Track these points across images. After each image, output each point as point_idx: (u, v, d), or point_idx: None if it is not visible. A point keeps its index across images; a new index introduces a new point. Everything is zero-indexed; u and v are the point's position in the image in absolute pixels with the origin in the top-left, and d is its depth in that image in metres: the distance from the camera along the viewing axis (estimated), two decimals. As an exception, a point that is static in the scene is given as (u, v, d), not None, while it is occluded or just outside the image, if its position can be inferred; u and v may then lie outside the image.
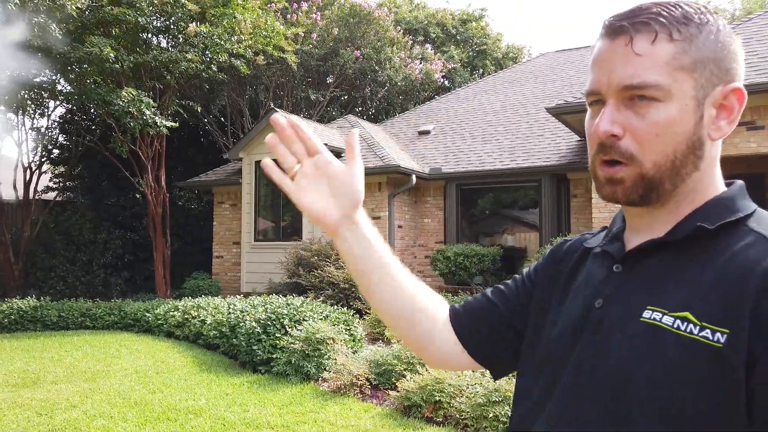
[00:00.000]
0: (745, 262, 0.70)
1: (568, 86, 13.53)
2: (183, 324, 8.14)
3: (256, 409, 4.98)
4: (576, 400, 0.80)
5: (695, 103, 0.77)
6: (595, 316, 0.81)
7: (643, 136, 0.77)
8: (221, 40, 11.29)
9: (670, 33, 0.76)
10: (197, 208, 17.30)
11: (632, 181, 0.79)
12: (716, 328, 0.68)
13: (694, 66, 0.77)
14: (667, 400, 0.69)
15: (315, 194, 0.93)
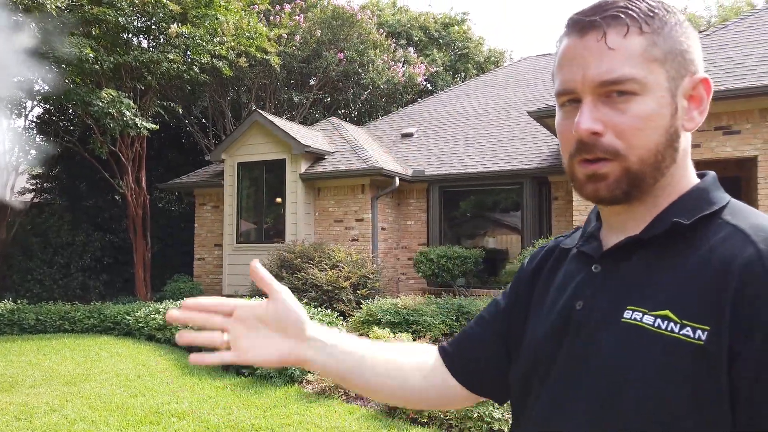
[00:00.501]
0: (723, 256, 0.69)
1: (550, 90, 13.68)
2: (164, 327, 8.06)
3: (240, 411, 4.95)
4: (562, 403, 0.79)
5: (670, 95, 0.77)
6: (577, 318, 0.80)
7: (626, 132, 0.76)
8: (203, 41, 11.22)
9: (640, 26, 0.76)
10: (178, 210, 17.14)
11: (616, 177, 0.77)
12: (697, 325, 0.67)
13: (665, 57, 0.76)
14: (653, 400, 0.68)
15: (259, 346, 0.88)
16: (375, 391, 0.98)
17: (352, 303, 8.69)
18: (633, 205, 0.81)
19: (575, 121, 0.77)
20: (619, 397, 0.71)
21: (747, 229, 0.71)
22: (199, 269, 12.96)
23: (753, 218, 0.74)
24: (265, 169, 11.43)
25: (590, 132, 0.76)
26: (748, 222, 0.72)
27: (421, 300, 7.83)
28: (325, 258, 9.27)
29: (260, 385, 5.74)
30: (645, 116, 0.75)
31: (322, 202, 11.31)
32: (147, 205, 12.64)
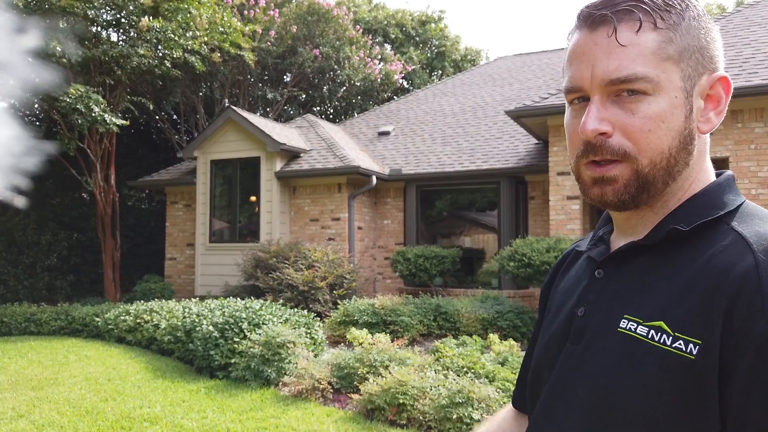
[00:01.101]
0: (721, 265, 0.66)
1: (526, 90, 13.77)
2: (135, 329, 7.85)
3: (215, 415, 4.83)
4: (556, 409, 0.78)
5: (684, 95, 0.72)
6: (578, 325, 0.79)
7: (636, 133, 0.72)
8: (175, 36, 10.97)
9: (654, 21, 0.71)
10: (148, 209, 16.81)
11: (625, 181, 0.73)
12: (689, 338, 0.65)
13: (681, 55, 0.72)
14: (642, 413, 0.67)
15: None
16: None
17: (328, 303, 8.59)
18: (642, 210, 0.78)
19: (581, 121, 0.74)
20: (608, 409, 0.70)
21: (749, 237, 0.67)
22: (171, 269, 12.70)
23: (760, 225, 0.69)
24: (239, 166, 11.24)
25: (596, 133, 0.73)
26: (754, 229, 0.68)
27: (398, 300, 7.78)
28: (301, 258, 9.15)
29: (235, 388, 5.61)
30: (656, 117, 0.71)
31: (297, 200, 11.18)
32: (116, 203, 12.34)
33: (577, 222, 8.53)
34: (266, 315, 6.52)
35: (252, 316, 6.44)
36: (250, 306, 6.75)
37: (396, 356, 5.41)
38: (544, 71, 14.93)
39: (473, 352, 5.49)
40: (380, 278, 11.48)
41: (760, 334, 0.60)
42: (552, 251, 7.04)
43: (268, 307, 6.85)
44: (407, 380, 4.73)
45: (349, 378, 5.35)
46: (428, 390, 4.65)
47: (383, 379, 4.86)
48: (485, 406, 4.36)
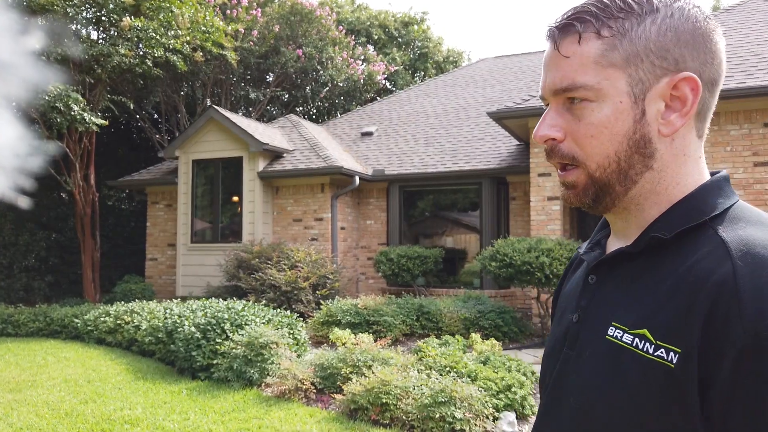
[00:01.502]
0: (700, 273, 0.66)
1: (507, 91, 13.88)
2: (115, 330, 7.77)
3: (197, 416, 4.80)
4: (553, 415, 0.80)
5: (631, 100, 0.73)
6: (572, 331, 0.80)
7: (581, 139, 0.75)
8: (157, 35, 10.87)
9: (598, 30, 0.73)
10: (128, 209, 16.62)
11: (583, 185, 0.77)
12: (670, 346, 0.65)
13: (627, 60, 0.72)
14: (627, 421, 0.67)
15: None
16: None
17: (311, 304, 8.58)
18: (619, 213, 0.79)
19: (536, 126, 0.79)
20: (595, 417, 0.71)
21: (730, 242, 0.66)
22: (152, 270, 12.58)
23: (746, 229, 0.69)
24: (222, 166, 11.18)
25: (544, 138, 0.77)
26: (737, 234, 0.68)
27: (381, 300, 7.80)
28: (284, 258, 9.13)
29: (217, 389, 5.58)
30: (598, 123, 0.73)
31: (280, 201, 11.14)
32: (96, 203, 12.19)
33: (557, 222, 8.63)
34: (249, 316, 6.50)
35: (234, 316, 6.42)
36: (232, 307, 6.72)
37: (379, 356, 5.43)
38: (525, 73, 15.07)
39: (456, 352, 5.53)
40: (363, 278, 11.50)
41: (738, 340, 0.60)
42: (533, 251, 7.12)
43: (250, 307, 6.83)
44: (390, 380, 4.76)
45: (332, 378, 5.36)
46: (411, 389, 4.68)
47: (366, 379, 4.88)
48: (468, 405, 4.39)
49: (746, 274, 0.62)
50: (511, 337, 7.43)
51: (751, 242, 0.65)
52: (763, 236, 0.66)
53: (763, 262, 0.63)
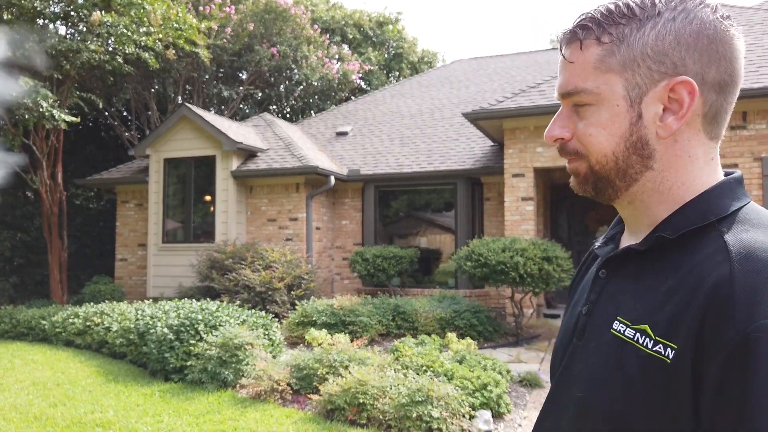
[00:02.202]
0: (700, 274, 0.68)
1: (482, 92, 14.00)
2: (85, 332, 7.60)
3: (171, 418, 4.73)
4: (559, 402, 0.83)
5: (627, 104, 0.76)
6: (581, 323, 0.83)
7: (583, 138, 0.80)
8: (128, 31, 10.66)
9: (599, 37, 0.76)
10: (97, 208, 16.28)
11: (584, 174, 0.82)
12: (668, 343, 0.67)
13: (624, 65, 0.75)
14: (625, 412, 0.70)
15: None
16: None
17: (286, 304, 8.52)
18: (626, 207, 0.83)
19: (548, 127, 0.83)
20: (596, 406, 0.74)
21: (732, 245, 0.68)
22: (121, 270, 12.34)
23: (750, 232, 0.70)
24: (194, 165, 11.03)
25: (552, 138, 0.82)
26: (739, 236, 0.69)
27: (357, 300, 7.79)
28: (258, 258, 9.05)
29: (191, 391, 5.50)
30: (597, 125, 0.78)
31: (254, 200, 11.04)
32: (63, 202, 11.89)
33: (531, 223, 8.74)
34: (223, 316, 6.42)
35: (208, 317, 6.33)
36: (206, 307, 6.64)
37: (356, 356, 5.43)
38: (499, 75, 15.22)
39: (432, 351, 5.56)
40: (338, 279, 11.47)
41: (729, 342, 0.61)
42: (507, 251, 7.19)
43: (225, 308, 6.75)
44: (367, 380, 4.75)
45: (308, 379, 5.33)
46: (388, 389, 4.68)
47: (343, 379, 4.86)
48: (444, 404, 4.42)
49: (742, 277, 0.63)
50: (485, 336, 7.50)
51: (752, 246, 0.67)
52: (765, 239, 0.67)
53: (760, 265, 0.64)
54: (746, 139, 7.56)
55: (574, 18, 0.81)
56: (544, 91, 8.91)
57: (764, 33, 8.87)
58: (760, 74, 7.61)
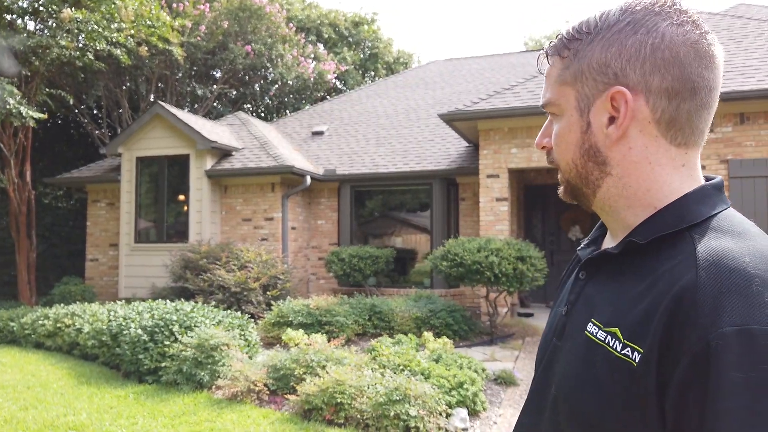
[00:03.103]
0: (668, 280, 0.69)
1: (457, 94, 14.11)
2: (55, 333, 7.46)
3: (146, 420, 4.68)
4: (539, 401, 0.85)
5: (578, 114, 0.80)
6: (560, 323, 0.86)
7: (554, 148, 0.86)
8: (99, 27, 10.48)
9: (560, 52, 0.82)
10: (67, 207, 15.94)
11: (564, 184, 0.88)
12: (635, 346, 0.68)
13: (575, 78, 0.80)
14: (594, 413, 0.71)
15: None
16: None
17: (262, 305, 8.48)
18: (601, 213, 0.86)
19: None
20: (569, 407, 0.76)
21: (701, 252, 0.69)
22: (92, 270, 12.11)
23: (719, 239, 0.70)
24: (167, 164, 10.88)
25: (538, 147, 0.89)
26: (710, 244, 0.70)
27: (333, 300, 7.79)
28: (233, 258, 8.98)
29: (166, 393, 5.45)
30: (558, 135, 0.84)
31: (229, 200, 10.95)
32: (32, 201, 11.63)
33: (505, 223, 8.85)
34: (198, 317, 6.37)
35: (183, 318, 6.27)
36: (181, 308, 6.57)
37: (333, 356, 5.44)
38: (474, 76, 15.36)
39: (409, 351, 5.60)
40: (314, 279, 11.45)
41: (692, 347, 0.62)
42: (482, 251, 7.28)
43: (199, 309, 6.69)
44: (345, 379, 4.77)
45: (285, 379, 5.33)
46: (366, 389, 4.71)
47: (320, 379, 4.87)
48: (422, 402, 4.46)
49: (707, 284, 0.64)
50: (461, 335, 7.57)
51: (720, 253, 0.67)
52: (735, 247, 0.68)
53: (725, 272, 0.65)
54: (713, 142, 7.79)
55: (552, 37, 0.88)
56: (518, 93, 9.03)
57: (730, 39, 9.14)
58: (726, 79, 7.83)
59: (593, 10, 0.84)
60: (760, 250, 0.68)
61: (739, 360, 0.60)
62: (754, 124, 7.67)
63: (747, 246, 0.68)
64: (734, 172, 7.63)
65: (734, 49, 8.77)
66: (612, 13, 0.78)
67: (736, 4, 12.61)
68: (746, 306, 0.62)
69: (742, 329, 0.61)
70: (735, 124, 7.74)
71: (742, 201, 7.50)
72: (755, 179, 7.55)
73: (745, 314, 0.61)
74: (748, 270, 0.64)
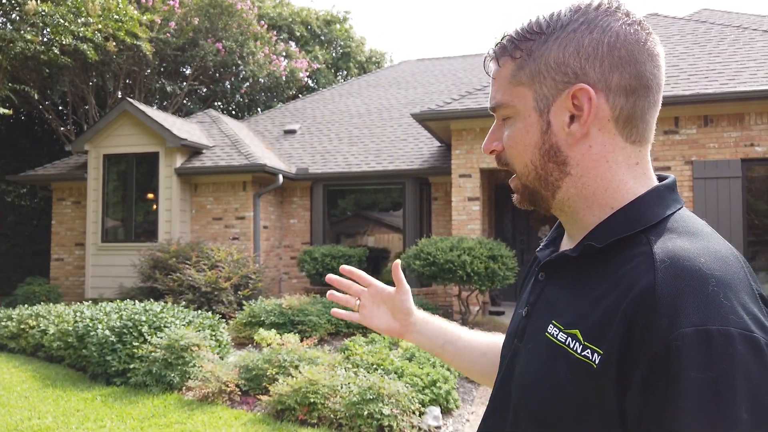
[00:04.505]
0: (626, 282, 0.69)
1: (429, 93, 14.18)
2: (19, 335, 7.26)
3: (114, 423, 4.59)
4: (501, 404, 0.85)
5: (537, 114, 0.79)
6: (521, 325, 0.86)
7: (508, 150, 0.84)
8: (65, 21, 10.22)
9: (512, 53, 0.81)
10: (30, 206, 15.53)
11: (519, 190, 0.86)
12: (594, 348, 0.68)
13: (532, 78, 0.78)
14: (550, 413, 0.72)
15: (379, 317, 1.18)
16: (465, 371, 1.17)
17: (233, 305, 8.39)
18: (560, 215, 0.86)
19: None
20: (528, 408, 0.76)
21: (658, 254, 0.69)
22: (57, 270, 11.81)
23: (674, 240, 0.71)
24: (136, 162, 10.68)
25: (486, 151, 0.88)
26: (665, 245, 0.71)
27: (306, 300, 7.75)
28: (204, 258, 8.86)
29: (135, 395, 5.35)
30: (513, 136, 0.82)
31: (199, 198, 10.80)
32: (-6, 199, 11.29)
33: (477, 222, 8.93)
34: (168, 317, 6.27)
35: (152, 318, 6.17)
36: (150, 308, 6.45)
37: (306, 356, 5.41)
38: (446, 76, 15.45)
39: (382, 349, 5.61)
40: (286, 278, 11.37)
41: (651, 351, 0.63)
42: (455, 250, 7.33)
43: (169, 309, 6.59)
44: (318, 379, 4.76)
45: (257, 380, 5.28)
46: (339, 388, 4.70)
47: (293, 379, 4.85)
48: (395, 401, 4.47)
49: (664, 285, 0.65)
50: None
51: (675, 254, 0.68)
52: (690, 247, 0.69)
53: (682, 273, 0.66)
54: (678, 143, 7.99)
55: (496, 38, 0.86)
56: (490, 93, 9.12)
57: (695, 43, 9.39)
58: (690, 82, 8.05)
59: (539, 12, 0.83)
60: (715, 250, 0.69)
61: (698, 360, 0.60)
62: (717, 126, 7.89)
63: (702, 246, 0.70)
64: (698, 173, 7.84)
65: (698, 52, 9.01)
66: (563, 14, 0.79)
67: (700, 9, 12.95)
68: (703, 307, 0.63)
69: (700, 329, 0.61)
70: (699, 126, 7.95)
71: (706, 201, 7.71)
72: (718, 180, 7.77)
73: (702, 315, 0.62)
74: (704, 270, 0.65)
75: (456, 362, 1.16)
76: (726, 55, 8.78)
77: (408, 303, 1.17)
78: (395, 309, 1.17)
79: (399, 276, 1.17)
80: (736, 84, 7.76)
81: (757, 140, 7.70)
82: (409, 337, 1.18)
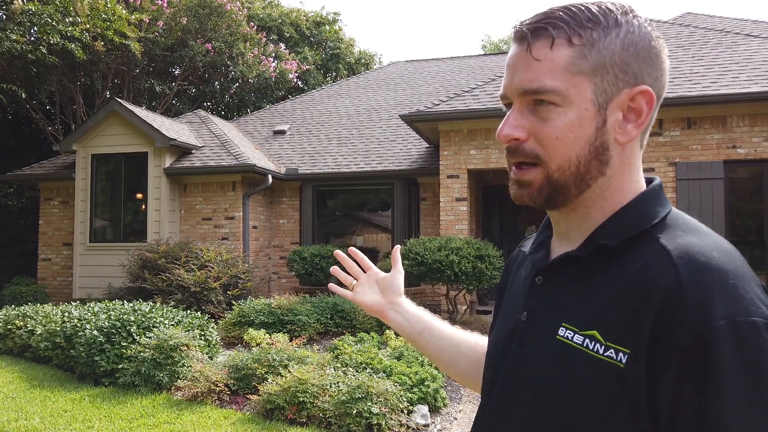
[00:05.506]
0: (647, 279, 0.69)
1: (418, 95, 14.24)
2: (6, 336, 7.23)
3: (102, 424, 4.60)
4: (503, 409, 0.83)
5: (595, 108, 0.76)
6: (521, 330, 0.83)
7: (545, 141, 0.77)
8: (53, 20, 10.17)
9: (570, 37, 0.75)
10: (17, 206, 15.41)
11: (539, 185, 0.79)
12: (619, 347, 0.68)
13: (594, 70, 0.75)
14: (576, 418, 0.71)
15: (368, 294, 1.26)
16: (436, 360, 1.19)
17: (222, 304, 8.40)
18: (566, 214, 0.82)
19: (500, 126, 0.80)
20: (545, 413, 0.75)
21: (672, 251, 0.70)
22: (45, 271, 11.74)
23: (683, 237, 0.73)
24: (125, 162, 10.65)
25: (508, 138, 0.79)
26: (676, 242, 0.71)
27: (295, 299, 7.78)
28: (193, 258, 8.86)
29: (124, 395, 5.36)
30: (563, 127, 0.76)
31: (188, 199, 10.79)
32: (-20, 199, 11.21)
33: (465, 222, 9.01)
34: (157, 317, 6.27)
35: (141, 318, 6.17)
36: (139, 308, 6.46)
37: (295, 355, 5.45)
38: (434, 78, 15.53)
39: (371, 348, 5.65)
40: (275, 278, 11.39)
41: (683, 345, 0.63)
42: (443, 250, 7.39)
43: (158, 309, 6.59)
44: (307, 378, 4.79)
45: (247, 379, 5.31)
46: (328, 387, 4.74)
47: (283, 378, 4.88)
48: (384, 400, 4.52)
49: (689, 281, 0.66)
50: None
51: (690, 250, 0.69)
52: (700, 243, 0.71)
53: (703, 269, 0.67)
54: (662, 145, 8.11)
55: (534, 15, 0.79)
56: (477, 95, 9.19)
57: (678, 46, 9.52)
58: (674, 85, 8.17)
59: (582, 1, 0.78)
60: (721, 245, 0.71)
61: (733, 351, 0.62)
62: (700, 129, 8.02)
63: (709, 242, 0.71)
64: (681, 174, 7.96)
65: (682, 56, 9.14)
66: (611, 9, 0.76)
67: (683, 12, 13.13)
68: (729, 299, 0.64)
69: (730, 322, 0.63)
70: (682, 128, 8.07)
71: (689, 202, 7.83)
72: (701, 181, 7.89)
73: (730, 307, 0.64)
74: (720, 265, 0.67)
75: (429, 348, 1.18)
76: (709, 58, 8.92)
77: (398, 282, 1.25)
78: (386, 287, 1.24)
79: (396, 257, 1.29)
80: (718, 87, 7.89)
81: (739, 142, 7.83)
82: (392, 316, 1.22)
